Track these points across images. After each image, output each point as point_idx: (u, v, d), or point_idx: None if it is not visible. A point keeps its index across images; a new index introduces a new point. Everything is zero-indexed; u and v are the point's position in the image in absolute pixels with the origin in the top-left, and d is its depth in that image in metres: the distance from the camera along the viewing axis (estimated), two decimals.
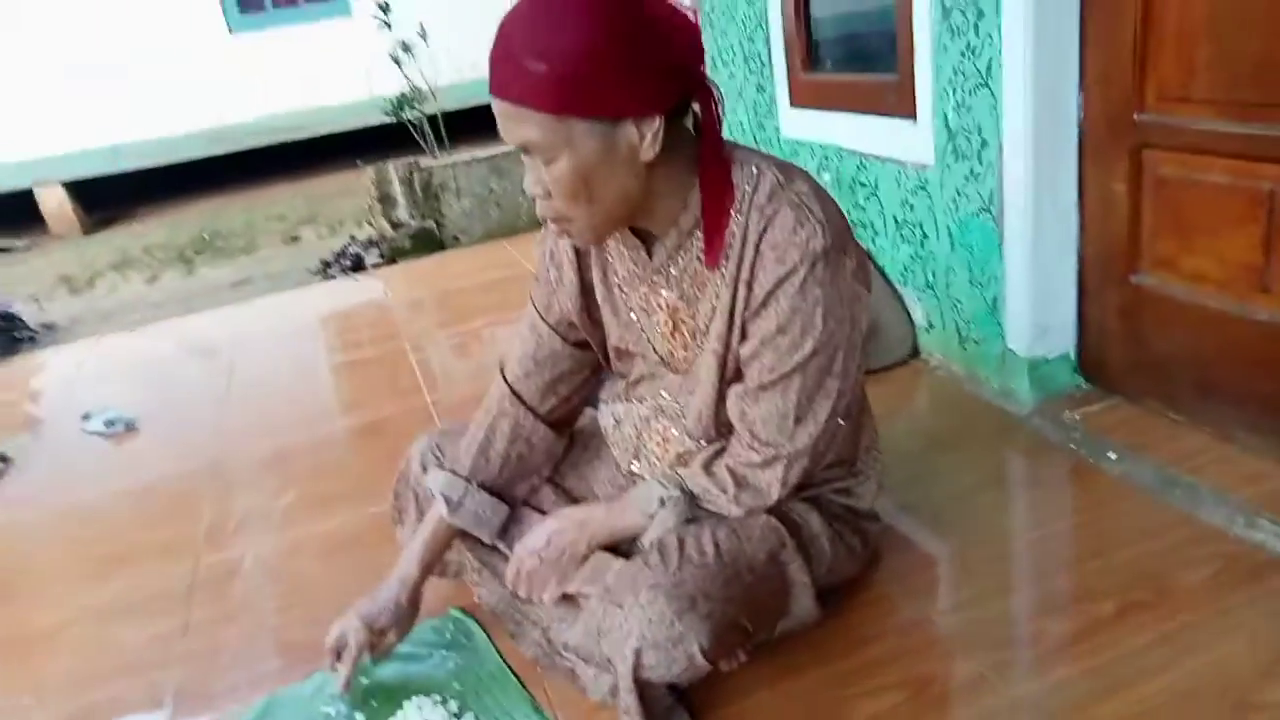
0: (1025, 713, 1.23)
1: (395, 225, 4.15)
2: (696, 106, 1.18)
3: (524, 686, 1.42)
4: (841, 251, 1.17)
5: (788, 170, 1.20)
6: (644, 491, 1.32)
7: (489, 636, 1.54)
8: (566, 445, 1.54)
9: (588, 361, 1.45)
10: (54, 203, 6.63)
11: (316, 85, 6.84)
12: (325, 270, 4.25)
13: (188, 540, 2.04)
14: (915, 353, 2.25)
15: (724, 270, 1.21)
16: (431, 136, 4.40)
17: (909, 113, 2.02)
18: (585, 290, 1.36)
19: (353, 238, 4.66)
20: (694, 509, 1.29)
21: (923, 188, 2.06)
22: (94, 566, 2.01)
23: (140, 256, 5.87)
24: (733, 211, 1.18)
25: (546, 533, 1.38)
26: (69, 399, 3.12)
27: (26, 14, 6.21)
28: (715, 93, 1.17)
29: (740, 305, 1.20)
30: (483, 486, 1.45)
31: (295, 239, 5.81)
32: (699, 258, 1.22)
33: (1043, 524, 1.66)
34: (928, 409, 2.10)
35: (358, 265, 4.16)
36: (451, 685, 1.44)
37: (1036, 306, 1.84)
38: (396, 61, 4.31)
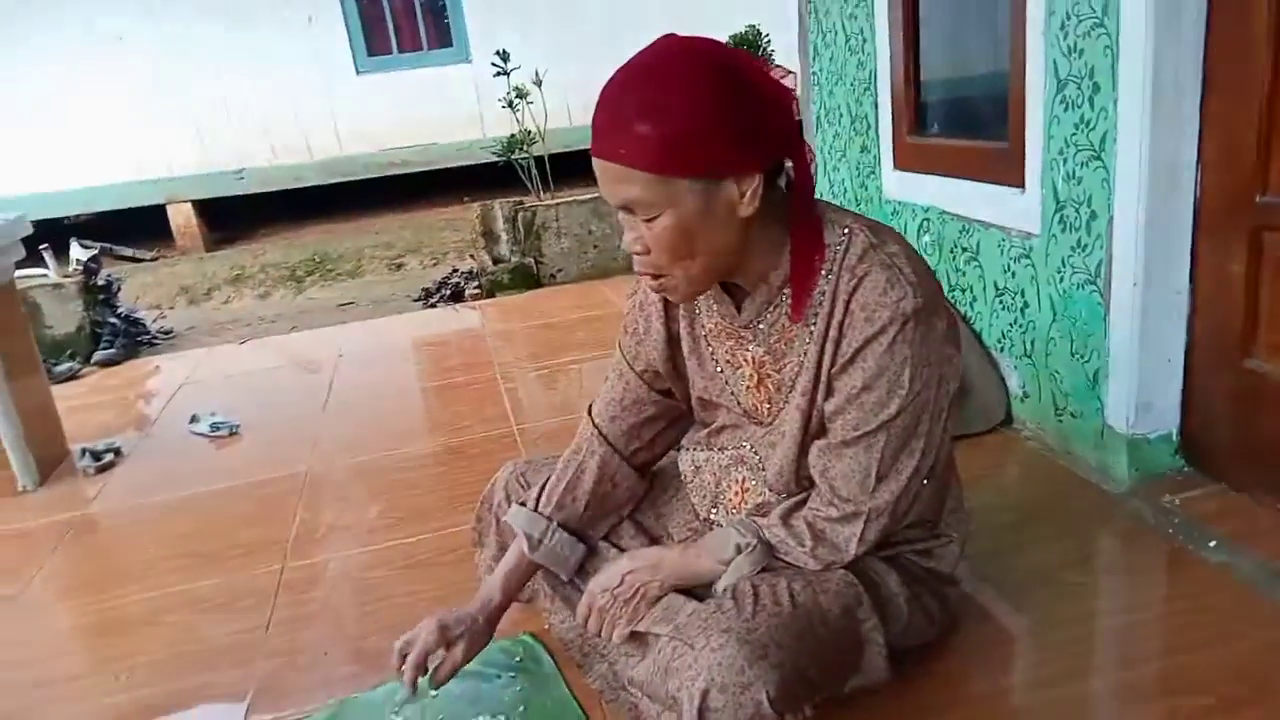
0: None
1: (496, 260, 4.28)
2: (789, 166, 1.22)
3: (587, 716, 1.43)
4: (932, 313, 1.18)
5: (879, 231, 1.22)
6: (720, 538, 1.33)
7: (557, 664, 1.56)
8: (647, 486, 1.56)
9: (673, 409, 1.48)
10: (181, 219, 7.06)
11: (431, 124, 7.14)
12: (427, 298, 4.40)
13: (277, 543, 2.13)
14: (1008, 421, 2.20)
15: (811, 327, 1.23)
16: (537, 177, 4.54)
17: (1017, 181, 2.01)
18: (671, 341, 1.39)
19: (454, 269, 4.82)
20: (770, 559, 1.29)
21: (1026, 256, 2.04)
22: (189, 560, 2.10)
23: (255, 273, 6.18)
24: (822, 270, 1.20)
25: (621, 571, 1.39)
26: (179, 401, 3.30)
27: (172, 49, 6.69)
28: (809, 153, 1.20)
29: (827, 362, 1.22)
30: (565, 524, 1.48)
31: (400, 266, 6.04)
32: (787, 314, 1.25)
33: (1133, 609, 1.59)
34: (1017, 479, 2.04)
35: (457, 296, 4.30)
36: (516, 708, 1.46)
37: (1140, 384, 1.79)
38: (510, 106, 4.47)
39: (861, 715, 1.34)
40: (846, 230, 1.21)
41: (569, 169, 4.97)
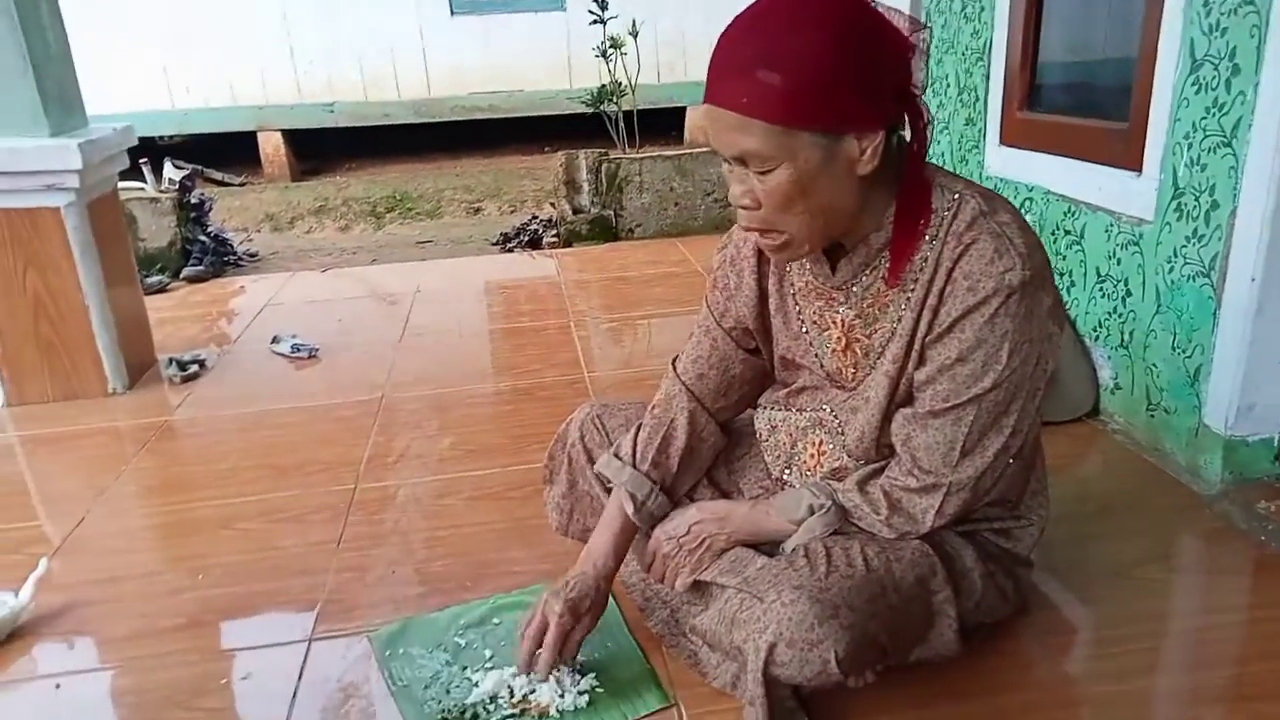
0: None
1: (576, 210, 4.28)
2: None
3: (647, 660, 1.44)
4: (1039, 287, 1.14)
5: (991, 199, 1.17)
6: (793, 497, 1.32)
7: (618, 606, 1.57)
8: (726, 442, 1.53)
9: (758, 367, 1.45)
10: (271, 147, 7.20)
11: (520, 71, 7.14)
12: (504, 242, 4.42)
13: (350, 464, 2.17)
14: (1095, 412, 2.13)
15: (908, 293, 1.19)
16: (624, 130, 4.51)
17: (1134, 164, 1.92)
18: (762, 297, 1.36)
19: (534, 216, 4.84)
20: (843, 523, 1.28)
21: (1135, 243, 1.95)
22: (266, 472, 2.17)
23: (338, 206, 6.29)
24: (926, 236, 1.17)
25: (688, 521, 1.39)
26: (261, 321, 3.38)
27: None
28: (926, 114, 1.15)
29: (923, 330, 1.18)
30: (660, 483, 1.45)
31: (478, 211, 6.08)
32: (884, 278, 1.21)
33: (1213, 612, 1.54)
34: (1100, 471, 1.98)
35: (535, 242, 4.31)
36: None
37: (1245, 384, 1.72)
38: (604, 55, 4.44)
39: (927, 685, 1.33)
40: (957, 196, 1.16)
41: (653, 126, 4.94)
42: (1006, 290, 1.11)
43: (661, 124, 6.20)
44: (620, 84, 4.48)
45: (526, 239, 4.34)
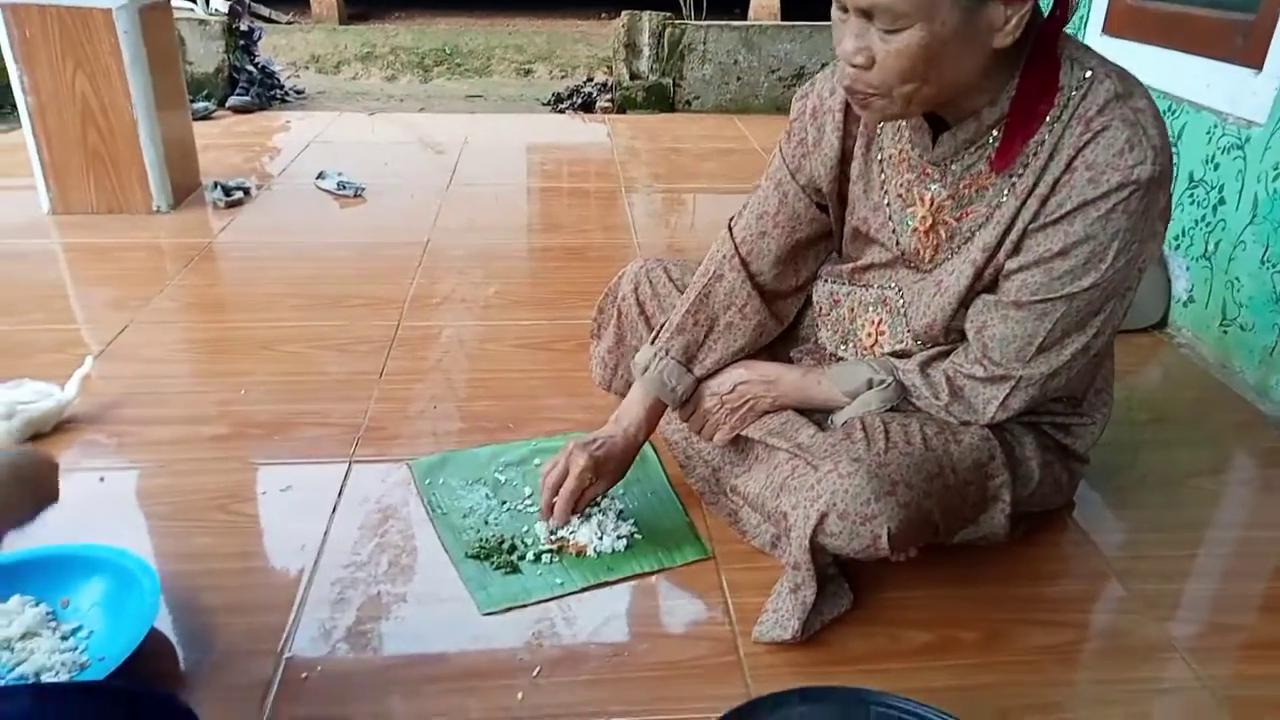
0: (1205, 692, 1.14)
1: (634, 76, 4.12)
2: None
3: (687, 513, 1.43)
4: (1161, 185, 1.05)
5: (1127, 79, 1.06)
6: (849, 370, 1.27)
7: (660, 460, 1.55)
8: (779, 327, 1.42)
9: (827, 230, 1.35)
10: None
11: None
12: (556, 103, 4.28)
13: (394, 302, 2.15)
14: (1163, 324, 2.06)
15: (1014, 178, 1.10)
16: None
17: (1255, 61, 1.79)
18: (843, 158, 1.25)
19: (589, 78, 4.67)
20: (902, 400, 1.23)
21: (1239, 147, 1.84)
22: (309, 301, 2.15)
23: (385, 54, 6.10)
24: (1047, 118, 1.06)
25: (734, 380, 1.35)
26: (307, 157, 3.32)
27: None
28: None
29: (1026, 218, 1.10)
30: (685, 350, 1.37)
31: (528, 72, 5.89)
32: (988, 159, 1.11)
33: (1259, 527, 1.50)
34: (1160, 383, 1.93)
35: (588, 106, 4.17)
36: (617, 490, 1.46)
37: None
38: None
39: (972, 565, 1.32)
40: (1089, 74, 1.05)
41: (719, 3, 4.70)
42: (1132, 186, 1.02)
43: (726, 1, 5.93)
44: None
45: (580, 101, 4.19)
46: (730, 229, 1.39)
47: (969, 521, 1.26)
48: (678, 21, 4.08)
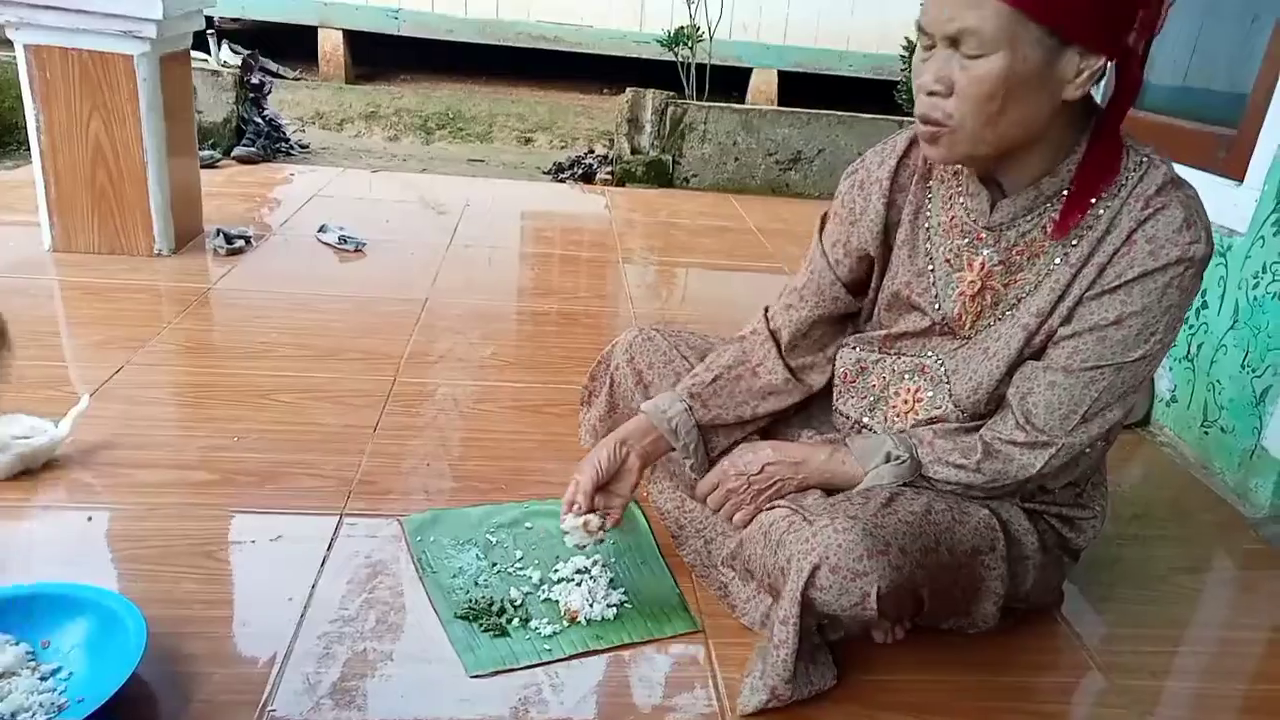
0: None
1: (635, 150, 4.22)
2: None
3: (677, 585, 1.43)
4: (1199, 282, 1.13)
5: (1175, 172, 1.14)
6: (874, 444, 1.28)
7: (651, 530, 1.56)
8: (794, 398, 1.44)
9: (849, 310, 1.40)
10: (330, 45, 7.09)
11: (592, 6, 7.02)
12: (557, 173, 4.37)
13: (391, 357, 2.16)
14: (1145, 422, 2.10)
15: (1069, 248, 1.15)
16: (695, 79, 4.43)
17: (1237, 173, 1.88)
18: (887, 226, 1.30)
19: (590, 149, 4.78)
20: (915, 477, 1.25)
21: (1221, 254, 1.91)
22: (305, 352, 2.15)
23: (389, 115, 6.21)
24: (1105, 194, 1.13)
25: (762, 460, 1.34)
26: (309, 210, 3.36)
27: None
28: (1142, 67, 1.09)
29: (1082, 285, 1.14)
30: (689, 391, 1.40)
31: (529, 140, 6.01)
32: (1044, 228, 1.16)
33: (1239, 628, 1.53)
34: (1142, 480, 1.96)
35: (588, 177, 4.26)
36: (609, 557, 1.47)
37: None
38: None
39: (957, 650, 1.33)
40: (1145, 159, 1.14)
41: (717, 84, 4.85)
42: (1187, 263, 1.09)
43: (725, 83, 6.11)
44: (699, 29, 4.39)
45: (580, 172, 4.28)
46: (766, 308, 1.46)
47: (958, 608, 1.27)
48: (680, 101, 4.21)
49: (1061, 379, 1.16)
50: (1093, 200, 1.13)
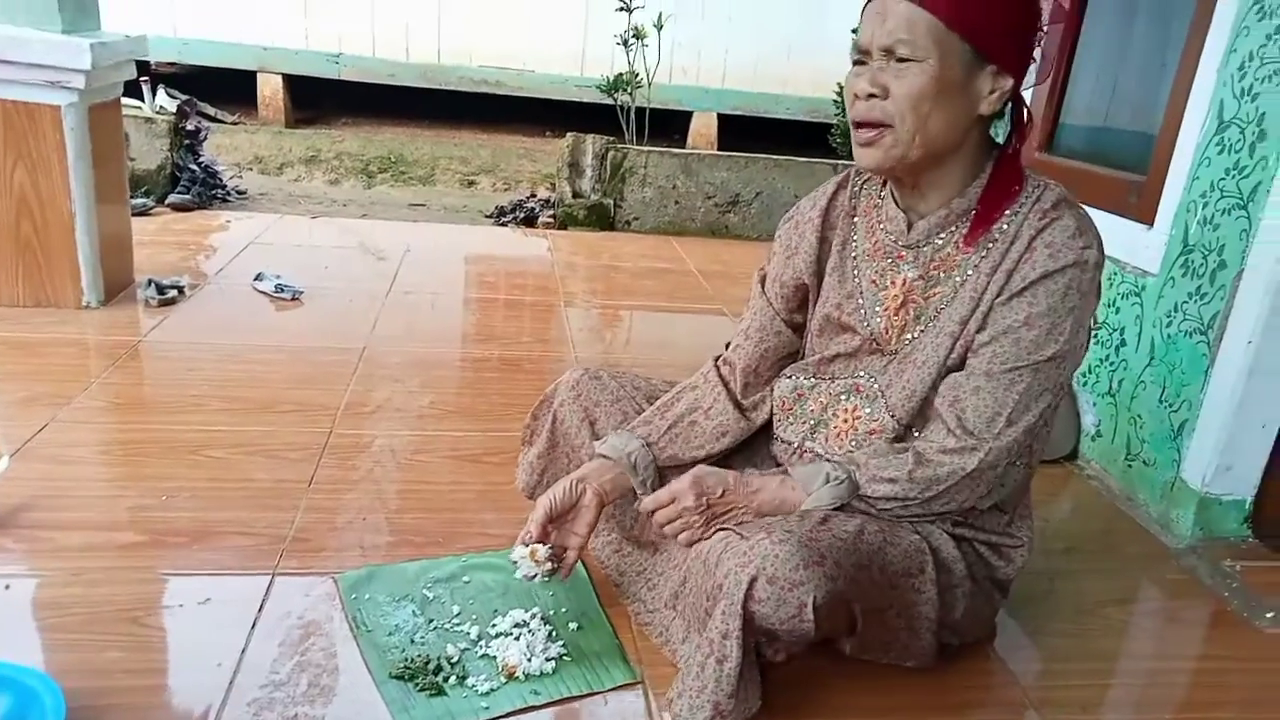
0: None
1: (576, 194, 4.26)
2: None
3: (616, 635, 1.43)
4: (1096, 281, 1.23)
5: (1069, 196, 1.26)
6: (811, 469, 1.31)
7: (591, 579, 1.55)
8: (743, 432, 1.50)
9: (791, 344, 1.49)
10: (269, 90, 7.05)
11: (533, 51, 7.09)
12: (499, 216, 4.38)
13: (326, 409, 2.13)
14: (1073, 456, 2.17)
15: (979, 257, 1.25)
16: (634, 122, 4.50)
17: (1146, 217, 1.96)
18: (820, 256, 1.42)
19: (532, 194, 4.81)
20: (852, 499, 1.27)
21: (1137, 294, 1.99)
22: (238, 405, 2.12)
23: (330, 159, 6.18)
24: (1009, 211, 1.24)
25: (722, 485, 1.33)
26: (245, 258, 3.31)
27: None
28: (1028, 112, 1.26)
29: (993, 292, 1.24)
30: (646, 438, 1.46)
31: (472, 183, 6.02)
32: (956, 244, 1.27)
33: (1167, 658, 1.57)
34: (1071, 514, 2.01)
35: (530, 220, 4.28)
36: (547, 609, 1.46)
37: (1227, 444, 1.76)
38: (625, 44, 4.43)
39: (887, 695, 1.34)
40: (1042, 184, 1.26)
41: (658, 127, 4.94)
42: (1082, 265, 1.19)
43: (666, 126, 6.21)
44: (637, 74, 4.47)
45: (522, 216, 4.30)
46: (716, 357, 1.56)
47: (893, 636, 1.29)
48: (620, 145, 4.26)
49: (984, 383, 1.23)
50: (996, 217, 1.24)
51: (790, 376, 1.47)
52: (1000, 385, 1.22)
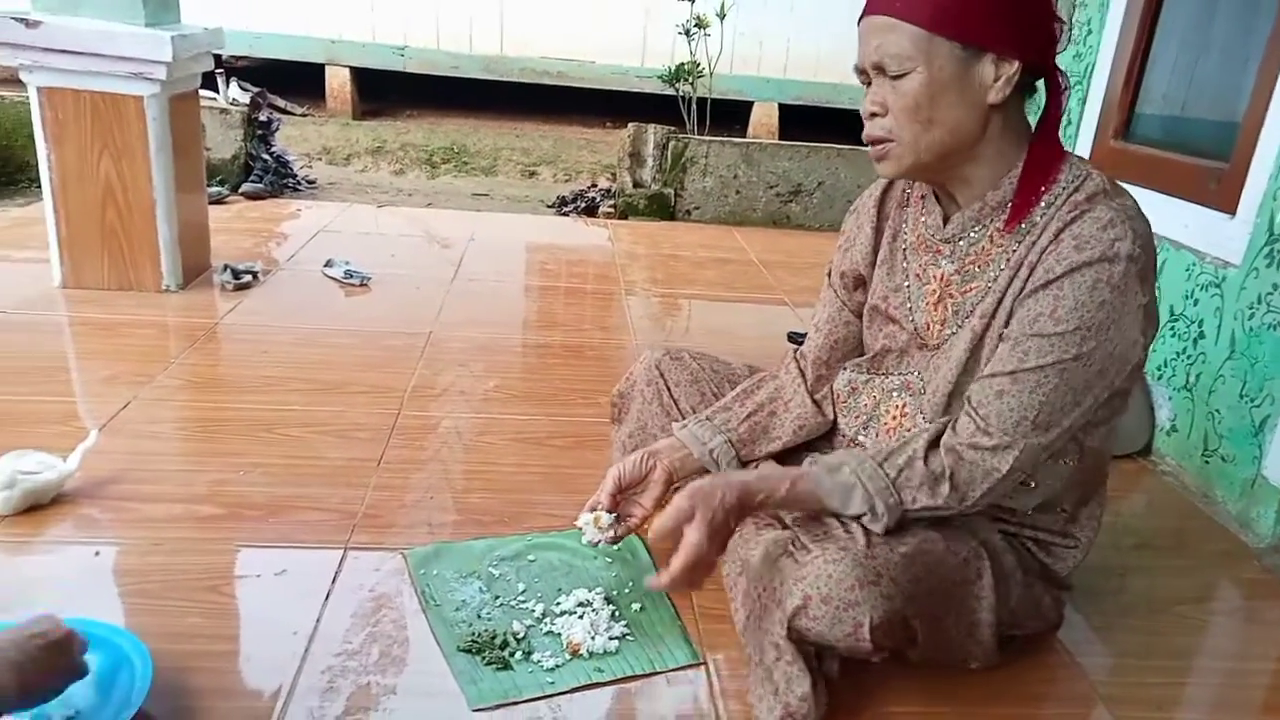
0: None
1: (636, 184, 4.26)
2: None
3: (679, 617, 1.44)
4: (1142, 273, 1.13)
5: (1117, 185, 1.19)
6: (843, 484, 1.21)
7: (653, 561, 1.56)
8: (820, 423, 1.49)
9: (859, 332, 1.48)
10: (337, 82, 7.20)
11: (595, 42, 7.12)
12: (561, 206, 4.41)
13: (395, 391, 2.18)
14: (1147, 451, 2.11)
15: (1010, 251, 1.20)
16: (695, 113, 4.49)
17: (1228, 206, 1.90)
18: (875, 247, 1.41)
19: (593, 184, 4.83)
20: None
21: (1217, 285, 1.93)
22: (310, 386, 2.17)
23: (395, 149, 6.29)
24: (1044, 201, 1.18)
25: (766, 490, 1.23)
26: (315, 245, 3.39)
27: None
28: (1064, 80, 1.19)
29: (1018, 286, 1.19)
30: (723, 426, 1.47)
31: (533, 174, 6.07)
32: (991, 237, 1.23)
33: (1244, 658, 1.52)
34: (1144, 509, 1.96)
35: (591, 210, 4.30)
36: (610, 589, 1.48)
37: None
38: (688, 34, 4.42)
39: (952, 687, 1.32)
40: (1084, 173, 1.18)
41: (719, 117, 4.91)
42: (1112, 257, 1.10)
43: (727, 115, 6.19)
44: (699, 64, 4.46)
45: (583, 205, 4.33)
46: (795, 351, 1.56)
47: (954, 644, 1.27)
48: (681, 135, 4.26)
49: (1008, 385, 1.17)
50: (1035, 200, 1.18)
51: (846, 369, 1.47)
52: (1025, 389, 1.15)
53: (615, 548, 1.57)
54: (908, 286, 1.35)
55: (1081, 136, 2.47)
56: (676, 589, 1.27)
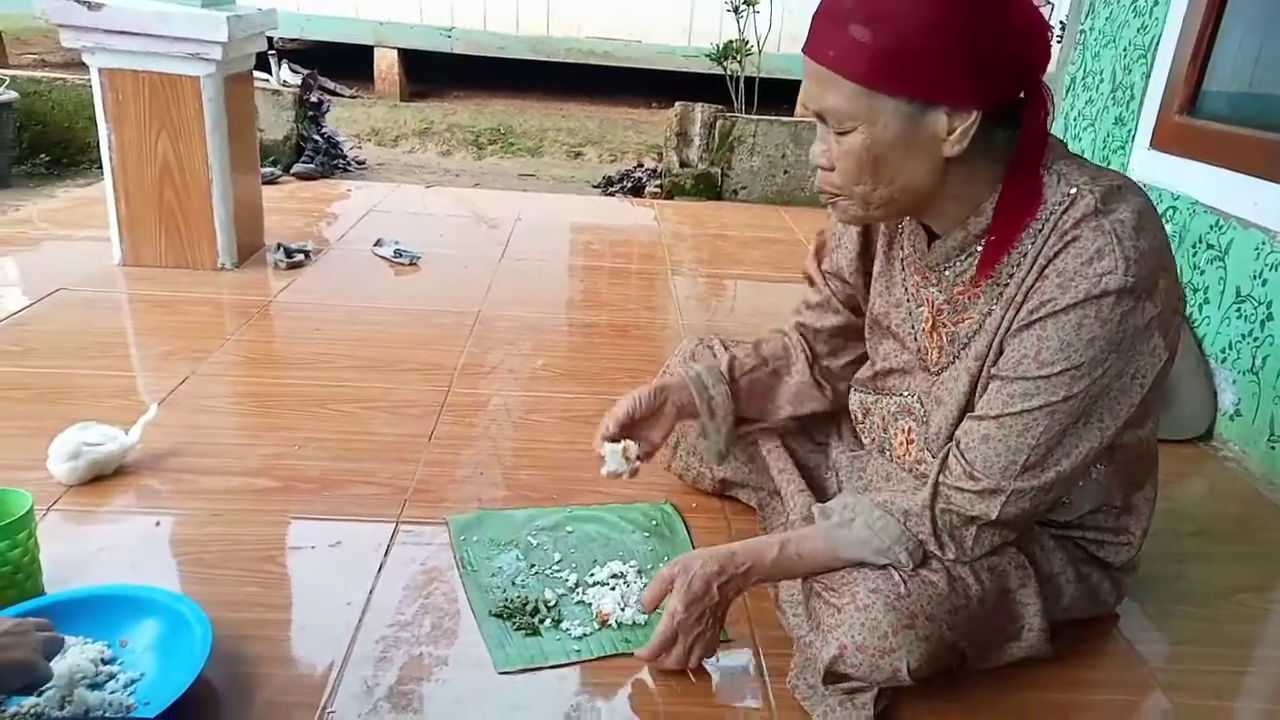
0: None
1: (683, 164, 4.24)
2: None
3: None
4: (1142, 295, 1.03)
5: (1114, 195, 1.05)
6: (859, 538, 1.17)
7: (690, 537, 1.57)
8: (821, 401, 1.50)
9: (856, 325, 1.43)
10: (385, 64, 7.26)
11: (641, 22, 7.08)
12: (607, 186, 4.41)
13: (444, 369, 2.20)
14: (1208, 436, 2.05)
15: (1001, 287, 1.12)
16: (744, 91, 4.45)
17: None
18: (864, 254, 1.36)
19: (640, 163, 4.81)
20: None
21: None
22: (361, 363, 2.20)
23: (442, 130, 6.33)
24: (1029, 230, 1.08)
25: (705, 577, 1.17)
26: (365, 224, 3.43)
27: None
28: (1048, 103, 1.07)
29: (1005, 326, 1.10)
30: (730, 370, 1.48)
31: (579, 155, 6.07)
32: (979, 266, 1.14)
33: None
34: (1206, 496, 1.91)
35: (637, 190, 4.29)
36: (646, 562, 1.49)
37: None
38: (736, 11, 4.37)
39: (1007, 674, 1.30)
40: (1073, 191, 1.05)
41: (767, 96, 4.86)
42: (1100, 293, 1.01)
43: (775, 94, 6.12)
44: (747, 42, 4.41)
45: (629, 185, 4.32)
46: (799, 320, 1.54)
47: (1002, 644, 1.24)
48: (729, 114, 4.22)
49: (994, 430, 1.10)
50: (1014, 238, 1.08)
51: (856, 390, 1.43)
52: (1011, 433, 1.08)
53: (654, 523, 1.58)
54: (908, 303, 1.28)
55: (1145, 111, 2.39)
56: (660, 664, 1.22)
